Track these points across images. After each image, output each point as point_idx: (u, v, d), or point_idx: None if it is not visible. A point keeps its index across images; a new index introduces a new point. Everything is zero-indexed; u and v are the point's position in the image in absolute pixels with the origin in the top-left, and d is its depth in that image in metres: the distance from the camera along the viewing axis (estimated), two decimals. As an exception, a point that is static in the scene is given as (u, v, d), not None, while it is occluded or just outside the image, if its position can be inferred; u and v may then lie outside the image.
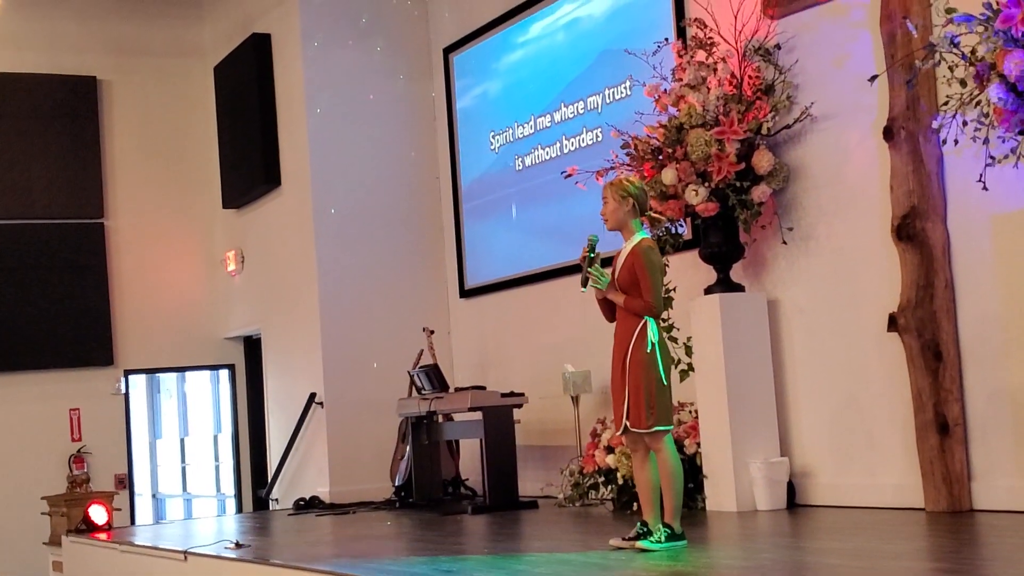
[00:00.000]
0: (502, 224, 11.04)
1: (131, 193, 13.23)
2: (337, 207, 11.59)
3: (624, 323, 6.21)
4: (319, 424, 11.45)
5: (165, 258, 13.35)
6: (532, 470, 10.20)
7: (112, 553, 8.89)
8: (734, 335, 7.96)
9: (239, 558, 7.20)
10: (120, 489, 12.36)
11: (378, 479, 11.03)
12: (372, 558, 6.78)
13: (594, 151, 9.64)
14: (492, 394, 9.41)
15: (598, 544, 6.52)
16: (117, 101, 13.27)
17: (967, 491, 6.97)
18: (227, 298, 13.41)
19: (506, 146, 10.97)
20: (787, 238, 8.05)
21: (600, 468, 8.60)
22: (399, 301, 11.65)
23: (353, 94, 11.74)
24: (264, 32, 12.30)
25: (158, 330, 13.14)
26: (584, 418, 9.39)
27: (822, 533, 6.89)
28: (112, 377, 12.92)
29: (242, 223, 13.10)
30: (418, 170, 11.95)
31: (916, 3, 7.07)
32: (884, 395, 7.47)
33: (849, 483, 7.70)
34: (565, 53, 10.24)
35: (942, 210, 7.09)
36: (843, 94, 7.70)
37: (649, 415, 6.04)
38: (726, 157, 7.83)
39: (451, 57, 11.71)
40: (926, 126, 6.97)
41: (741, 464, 7.84)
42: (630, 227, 6.28)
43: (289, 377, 12.13)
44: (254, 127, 12.33)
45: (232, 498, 13.58)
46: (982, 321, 6.94)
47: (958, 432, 6.98)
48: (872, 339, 7.50)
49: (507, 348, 11.00)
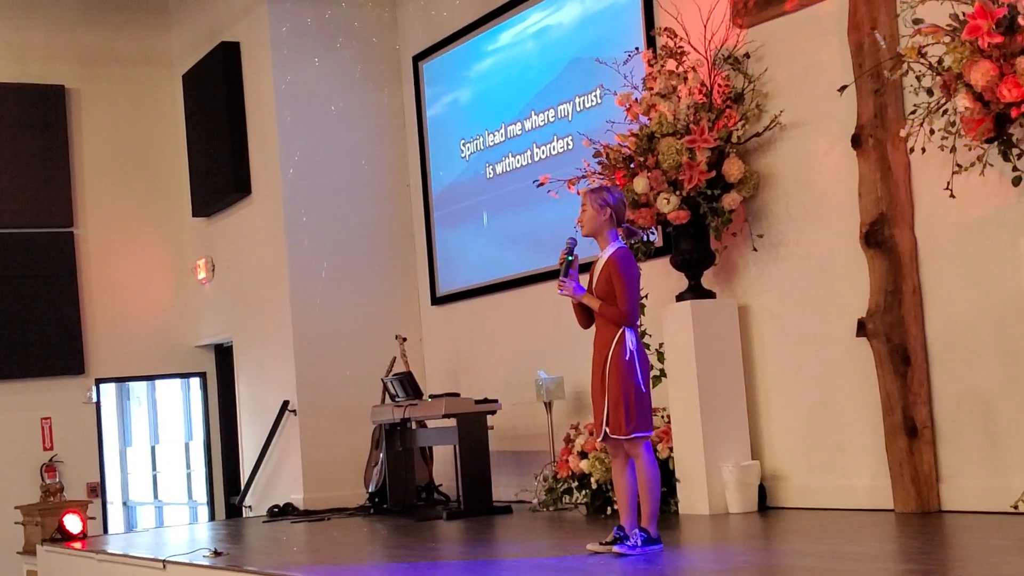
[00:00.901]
0: (473, 232, 11.10)
1: (100, 202, 13.19)
2: (308, 215, 11.61)
3: (603, 330, 6.28)
4: (292, 431, 11.47)
5: (135, 266, 13.32)
6: (505, 475, 10.27)
7: (89, 562, 8.88)
8: (706, 341, 8.06)
9: (219, 566, 7.22)
10: (93, 498, 12.32)
11: (352, 486, 11.08)
12: (353, 565, 6.82)
13: (565, 159, 9.72)
14: (466, 401, 9.48)
15: (575, 549, 6.59)
16: (85, 110, 13.23)
17: (936, 492, 7.09)
18: (198, 306, 13.40)
19: (477, 154, 11.04)
20: (757, 245, 8.15)
21: (574, 473, 8.67)
22: (371, 309, 11.68)
23: (323, 102, 11.77)
24: (233, 40, 12.31)
25: (129, 339, 13.10)
26: (557, 424, 9.47)
27: (794, 535, 6.99)
28: (83, 386, 12.88)
29: (212, 231, 13.10)
30: (389, 178, 11.99)
31: (883, 13, 7.19)
32: (854, 399, 7.58)
33: (819, 485, 7.81)
34: (535, 61, 10.31)
35: (910, 217, 7.21)
36: (812, 103, 7.81)
37: (628, 421, 6.12)
38: (697, 165, 7.93)
39: (421, 65, 11.75)
40: (894, 134, 7.08)
41: (713, 468, 7.94)
42: (606, 236, 6.34)
43: (261, 385, 12.14)
44: (223, 135, 12.34)
45: (204, 505, 13.57)
46: (949, 326, 7.06)
47: (926, 434, 7.11)
48: (841, 344, 7.61)
49: (479, 355, 11.05)
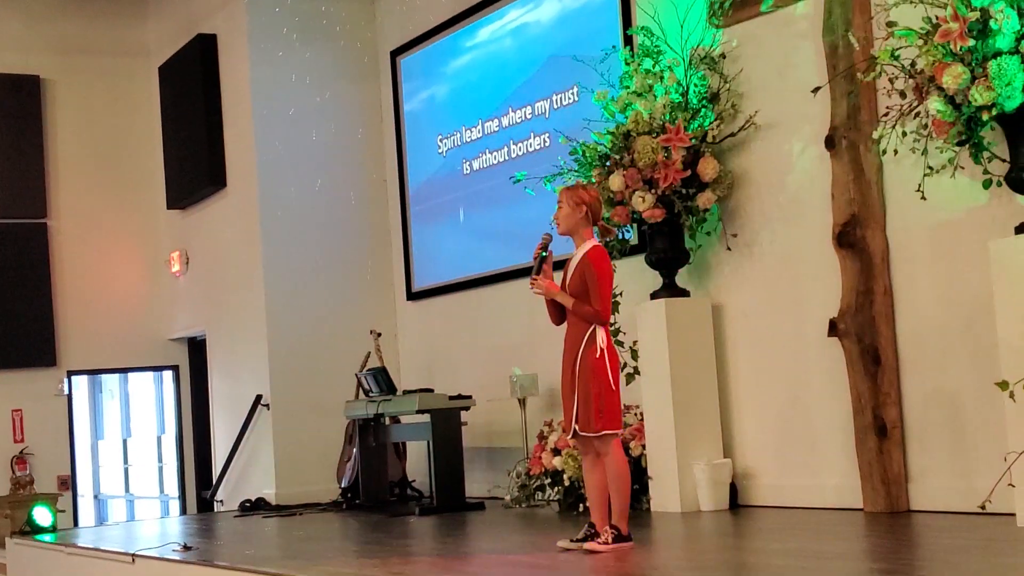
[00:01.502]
0: (449, 227, 11.11)
1: (75, 193, 13.16)
2: (283, 209, 11.60)
3: (574, 328, 6.28)
4: (265, 426, 11.46)
5: (109, 258, 13.28)
6: (478, 472, 10.28)
7: (58, 555, 8.84)
8: (679, 339, 8.09)
9: (188, 560, 7.20)
10: (63, 491, 12.28)
11: (324, 481, 11.07)
12: (324, 560, 6.82)
13: (541, 156, 9.74)
14: (440, 397, 9.48)
15: (547, 546, 6.61)
16: (61, 101, 13.19)
17: (904, 492, 7.14)
18: (171, 299, 13.37)
19: (453, 150, 11.04)
20: (731, 244, 8.19)
21: (547, 470, 8.69)
22: (346, 303, 11.68)
23: (300, 96, 11.75)
24: (210, 33, 12.28)
25: (101, 331, 13.07)
26: (531, 421, 9.48)
27: (765, 533, 7.02)
28: (55, 378, 12.85)
29: (187, 224, 13.06)
30: (365, 172, 11.98)
31: (858, 16, 7.23)
32: (824, 398, 7.62)
33: (790, 484, 7.85)
34: (513, 58, 10.32)
35: (882, 218, 7.26)
36: (786, 103, 7.84)
37: (598, 419, 6.13)
38: (672, 164, 7.95)
39: (398, 60, 11.75)
40: (867, 136, 7.12)
41: (685, 466, 7.97)
42: (581, 234, 6.35)
43: (234, 378, 12.11)
44: (199, 128, 12.31)
45: (176, 499, 13.54)
46: (919, 327, 7.11)
47: (896, 435, 7.15)
48: (813, 344, 7.65)
49: (454, 351, 11.06)
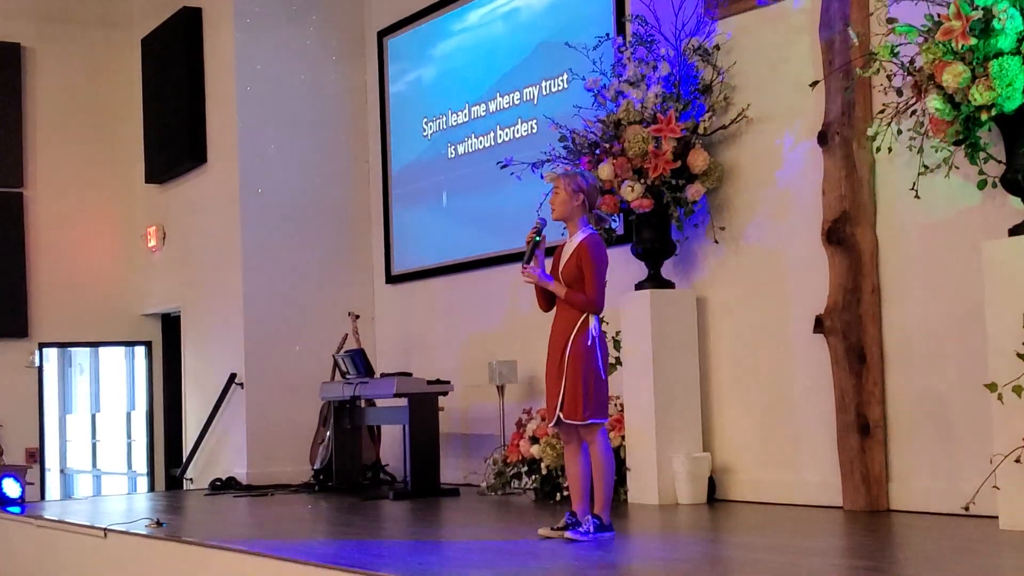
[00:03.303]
0: (432, 211, 11.02)
1: (52, 163, 12.98)
2: (264, 187, 11.49)
3: (564, 314, 6.23)
4: (238, 404, 11.35)
5: (85, 231, 13.12)
6: (453, 458, 10.22)
7: (28, 528, 8.72)
8: (663, 331, 8.05)
9: (161, 536, 7.12)
10: (31, 463, 12.14)
11: (297, 462, 10.99)
12: (300, 540, 6.75)
13: (528, 142, 9.67)
14: (418, 381, 9.41)
15: (526, 532, 6.57)
16: (41, 69, 13.00)
17: (885, 491, 7.13)
18: (146, 274, 13.22)
19: (439, 133, 10.95)
20: (719, 237, 8.15)
21: (524, 458, 8.64)
22: (324, 284, 11.59)
23: (284, 73, 11.64)
24: (195, 6, 12.14)
25: (75, 304, 12.92)
26: (509, 408, 9.43)
27: (744, 528, 7.00)
28: (26, 349, 12.69)
29: (165, 199, 12.92)
30: (348, 153, 11.88)
31: (856, 11, 7.20)
32: (808, 395, 7.60)
33: (769, 480, 7.83)
34: (503, 43, 10.24)
35: (872, 216, 7.24)
36: (779, 98, 7.81)
37: (586, 407, 6.08)
38: (663, 154, 7.90)
39: (385, 41, 11.65)
40: (860, 133, 7.09)
41: (664, 458, 7.94)
42: (576, 221, 6.30)
43: (208, 356, 12.00)
44: (181, 102, 12.16)
45: (144, 476, 13.42)
46: (906, 326, 7.09)
47: (878, 434, 7.14)
48: (798, 340, 7.63)
49: (432, 336, 10.99)
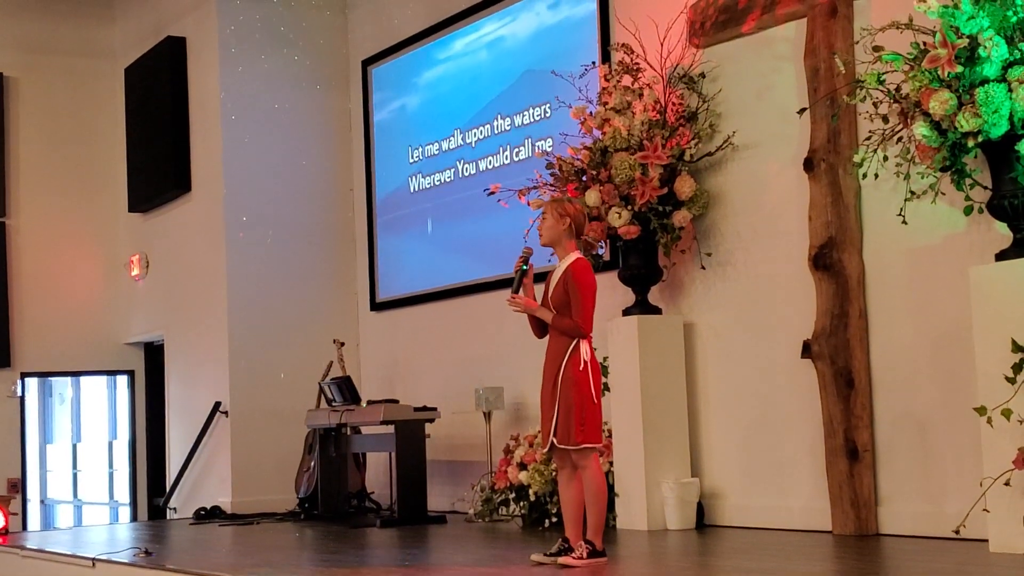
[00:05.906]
0: (417, 239, 11.04)
1: (35, 192, 12.95)
2: (249, 215, 11.49)
3: (557, 340, 6.25)
4: (223, 433, 11.31)
5: (68, 260, 13.08)
6: (439, 485, 10.20)
7: (12, 558, 8.66)
8: (650, 357, 8.08)
9: (150, 565, 7.08)
10: (14, 494, 12.07)
11: (282, 490, 10.95)
12: (287, 568, 6.72)
13: (513, 170, 9.71)
14: (405, 408, 9.41)
15: (516, 559, 6.56)
16: (24, 99, 12.99)
17: (874, 515, 7.15)
18: (129, 303, 13.18)
19: (424, 161, 10.99)
20: (705, 263, 8.20)
21: (512, 484, 8.64)
22: (308, 312, 11.58)
23: (269, 102, 11.66)
24: (179, 36, 12.16)
25: (58, 333, 12.87)
26: (496, 434, 9.43)
27: (734, 553, 7.00)
28: (8, 379, 12.63)
29: (148, 227, 12.90)
30: (332, 181, 11.90)
31: (840, 39, 7.28)
32: (796, 420, 7.63)
33: (758, 505, 7.84)
34: (488, 71, 10.29)
35: (858, 241, 7.29)
36: (765, 124, 7.87)
37: (579, 432, 6.10)
38: (649, 181, 7.95)
39: (370, 69, 11.69)
40: (846, 159, 7.16)
41: (653, 483, 7.95)
42: (564, 246, 6.34)
43: (192, 385, 11.96)
44: (165, 131, 12.17)
45: (126, 506, 13.34)
46: (893, 351, 7.14)
47: (867, 458, 7.17)
48: (786, 365, 7.66)
49: (418, 362, 10.99)
